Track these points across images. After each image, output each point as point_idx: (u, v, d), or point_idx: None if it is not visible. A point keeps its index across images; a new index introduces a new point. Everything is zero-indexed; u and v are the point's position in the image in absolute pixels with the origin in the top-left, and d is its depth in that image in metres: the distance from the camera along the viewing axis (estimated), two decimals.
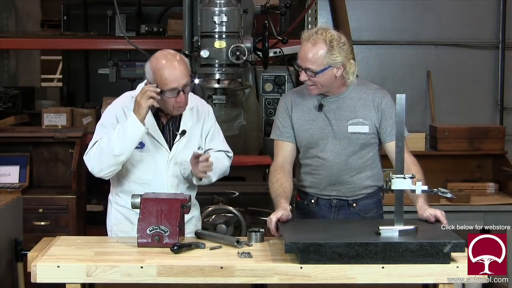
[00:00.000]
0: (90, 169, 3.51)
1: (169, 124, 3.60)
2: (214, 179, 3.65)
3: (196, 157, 3.49)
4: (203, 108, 3.71)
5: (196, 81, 3.51)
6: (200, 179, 3.57)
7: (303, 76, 3.56)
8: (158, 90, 3.39)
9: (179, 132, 3.58)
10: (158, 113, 3.58)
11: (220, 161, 3.69)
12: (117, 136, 3.40)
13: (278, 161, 3.68)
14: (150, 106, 3.40)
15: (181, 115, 3.60)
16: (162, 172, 3.58)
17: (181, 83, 3.42)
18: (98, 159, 3.45)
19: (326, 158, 3.65)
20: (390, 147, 3.59)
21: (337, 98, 3.64)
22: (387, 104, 3.64)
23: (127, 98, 3.61)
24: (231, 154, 3.79)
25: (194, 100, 3.67)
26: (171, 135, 3.60)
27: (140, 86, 3.60)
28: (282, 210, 3.41)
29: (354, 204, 3.70)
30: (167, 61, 3.42)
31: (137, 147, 3.50)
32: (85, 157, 3.52)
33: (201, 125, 3.67)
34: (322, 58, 3.50)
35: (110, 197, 3.72)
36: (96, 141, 3.48)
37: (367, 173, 3.69)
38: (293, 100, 3.72)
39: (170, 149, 3.59)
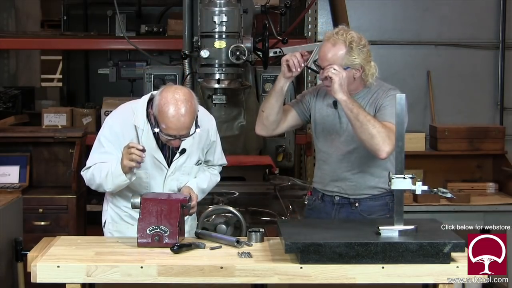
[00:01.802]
0: (87, 184, 3.61)
1: None
2: (201, 197, 3.72)
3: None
4: (205, 123, 3.61)
5: (198, 130, 3.43)
6: None
7: (322, 75, 3.59)
8: (144, 155, 3.34)
9: (179, 150, 3.54)
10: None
11: (213, 179, 3.77)
12: (107, 177, 3.46)
13: None
14: (132, 168, 3.38)
15: None
16: (159, 188, 3.59)
17: (180, 133, 3.37)
18: (95, 186, 3.56)
19: (330, 153, 3.72)
20: None
21: (353, 97, 3.65)
22: (387, 95, 3.63)
23: (127, 113, 3.55)
24: (225, 164, 3.85)
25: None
26: (170, 152, 3.58)
27: (145, 98, 3.55)
28: None
29: (357, 204, 3.71)
30: (175, 109, 3.31)
31: None
32: (82, 173, 3.61)
33: (203, 142, 3.65)
34: (341, 59, 3.55)
35: (107, 194, 3.74)
36: (92, 166, 3.53)
37: (372, 174, 3.69)
38: (318, 92, 3.80)
39: (169, 166, 3.58)
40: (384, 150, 3.46)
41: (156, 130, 3.39)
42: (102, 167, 3.48)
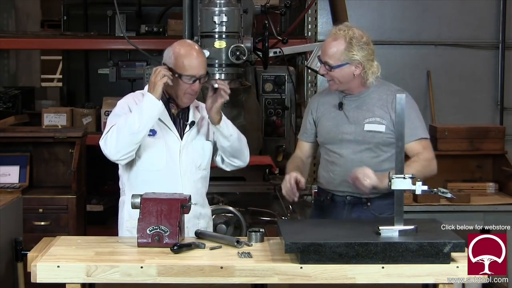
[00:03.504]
0: (106, 152, 3.55)
1: (179, 116, 3.71)
2: (234, 134, 3.70)
3: (212, 88, 3.60)
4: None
5: (215, 82, 3.62)
6: (217, 122, 3.63)
7: (321, 70, 3.68)
8: (170, 73, 3.51)
9: (189, 122, 3.69)
10: (169, 103, 3.68)
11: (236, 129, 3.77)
12: (134, 114, 3.50)
13: (297, 154, 3.89)
14: (165, 84, 3.50)
15: (189, 109, 3.72)
16: (175, 159, 3.65)
17: (200, 72, 3.58)
18: (116, 140, 3.50)
19: (341, 154, 3.73)
20: (408, 148, 3.65)
21: (358, 97, 3.72)
22: (406, 106, 3.64)
23: (137, 94, 3.73)
24: (243, 137, 3.83)
25: (197, 101, 3.81)
26: (181, 126, 3.70)
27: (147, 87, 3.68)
28: (297, 173, 3.57)
29: (368, 203, 3.72)
30: (190, 50, 3.61)
31: (149, 135, 3.59)
32: (100, 142, 3.57)
33: (207, 120, 3.76)
34: (340, 54, 3.61)
35: (122, 199, 3.75)
36: (112, 126, 3.55)
37: (383, 173, 3.69)
38: (318, 100, 3.86)
39: (181, 139, 3.68)
40: (435, 171, 3.69)
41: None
42: (124, 117, 3.52)
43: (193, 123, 3.70)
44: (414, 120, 3.68)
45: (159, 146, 3.64)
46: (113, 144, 3.51)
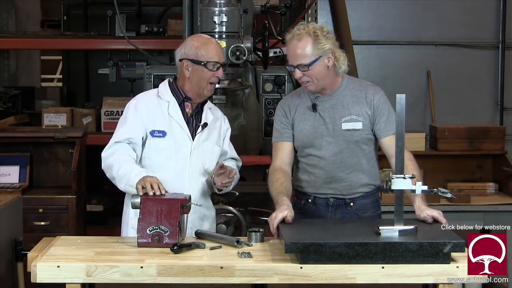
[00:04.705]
0: (102, 168, 3.65)
1: (193, 116, 3.73)
2: (231, 189, 3.80)
3: (221, 167, 3.60)
4: (219, 111, 3.89)
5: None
6: (220, 190, 3.72)
7: (297, 74, 3.58)
8: (155, 192, 3.39)
9: (201, 124, 3.70)
10: (184, 102, 3.70)
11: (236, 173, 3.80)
12: (122, 178, 3.53)
13: (277, 162, 3.72)
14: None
15: (202, 110, 3.73)
16: (186, 160, 3.66)
17: (222, 59, 3.68)
18: (108, 173, 3.61)
19: (321, 156, 3.68)
20: (385, 142, 3.63)
21: (330, 97, 3.68)
22: (380, 100, 3.67)
23: (150, 93, 3.79)
24: (240, 163, 3.93)
25: (210, 103, 3.87)
26: (194, 126, 3.72)
27: (164, 84, 3.74)
28: (287, 210, 3.40)
29: (351, 204, 3.71)
30: (209, 39, 3.74)
31: (158, 136, 3.64)
32: (103, 155, 3.64)
33: (220, 124, 3.81)
34: (311, 50, 3.54)
35: (127, 197, 3.75)
36: (114, 149, 3.59)
37: (364, 171, 3.70)
38: (290, 103, 3.77)
39: (193, 140, 3.70)
40: None
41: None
42: (122, 164, 3.55)
43: (205, 124, 3.71)
44: (390, 115, 3.64)
45: (168, 147, 3.65)
46: (107, 174, 3.62)
